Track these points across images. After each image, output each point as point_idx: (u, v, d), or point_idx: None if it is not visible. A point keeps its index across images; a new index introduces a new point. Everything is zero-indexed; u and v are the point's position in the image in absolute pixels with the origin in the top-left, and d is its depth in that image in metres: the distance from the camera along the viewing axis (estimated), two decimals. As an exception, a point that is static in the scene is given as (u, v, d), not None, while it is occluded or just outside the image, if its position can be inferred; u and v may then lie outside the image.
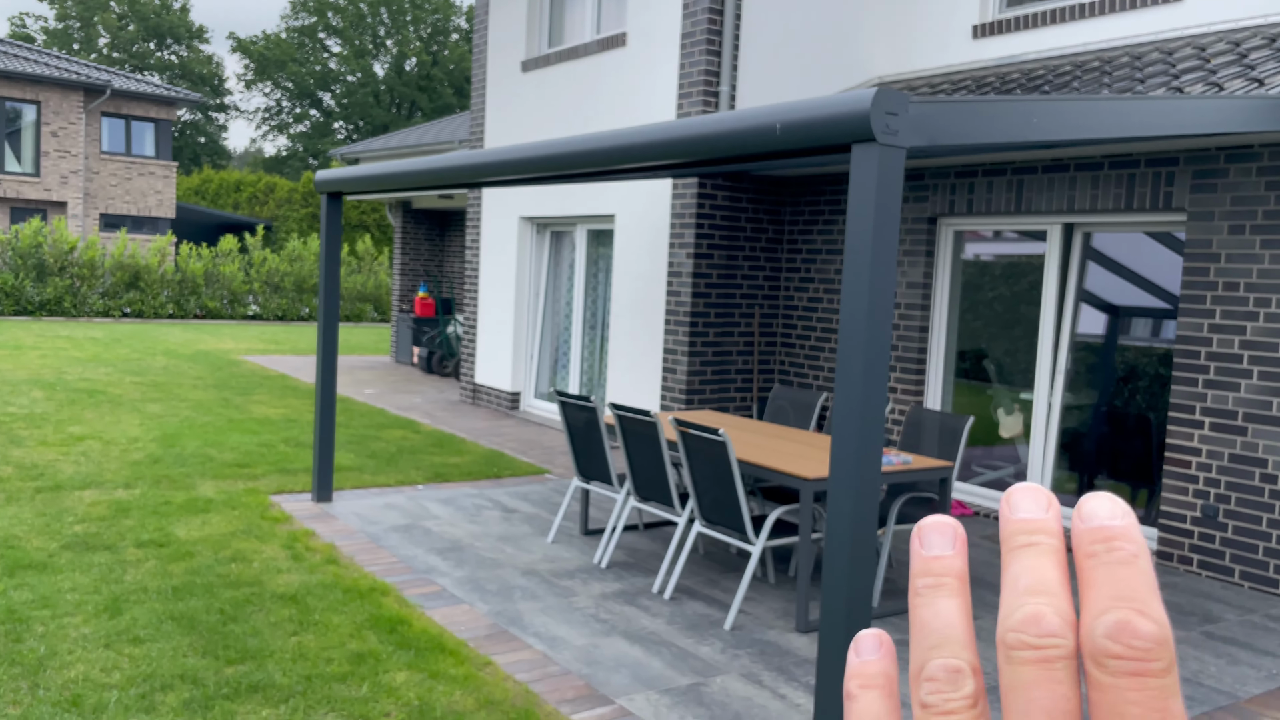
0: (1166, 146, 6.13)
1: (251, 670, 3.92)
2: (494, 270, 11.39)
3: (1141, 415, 6.59)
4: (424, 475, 7.73)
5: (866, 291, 2.91)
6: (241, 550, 5.49)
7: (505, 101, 11.05)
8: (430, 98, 53.82)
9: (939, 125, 2.98)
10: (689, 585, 5.37)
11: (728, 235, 8.66)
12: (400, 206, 16.66)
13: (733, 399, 8.85)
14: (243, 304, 23.87)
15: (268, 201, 38.13)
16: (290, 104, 54.82)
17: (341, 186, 6.48)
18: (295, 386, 12.40)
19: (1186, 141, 5.92)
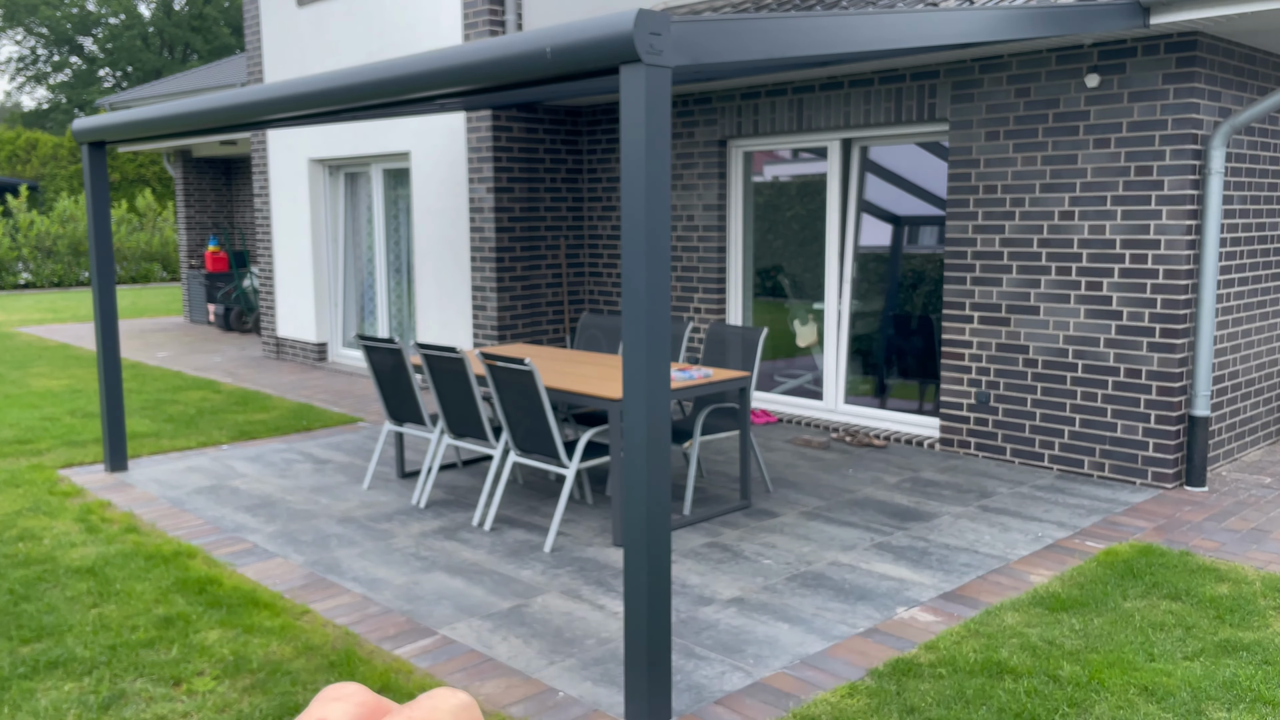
0: (928, 60, 6.52)
1: (50, 647, 3.75)
2: (287, 217, 10.92)
3: (923, 316, 7.09)
4: (228, 435, 7.44)
5: (644, 210, 3.01)
6: (29, 528, 5.17)
7: (282, 40, 10.50)
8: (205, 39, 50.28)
9: (702, 44, 3.08)
10: (509, 515, 5.46)
11: (527, 168, 8.62)
12: (179, 156, 15.63)
13: (545, 331, 8.91)
14: (12, 272, 21.93)
15: (30, 160, 34.89)
16: (47, 51, 50.00)
17: (104, 134, 6.04)
18: (79, 356, 11.59)
19: (945, 55, 6.31)
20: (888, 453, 6.73)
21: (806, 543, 4.94)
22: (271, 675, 3.53)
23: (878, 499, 5.68)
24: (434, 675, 3.53)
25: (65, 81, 50.37)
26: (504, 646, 3.78)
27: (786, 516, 5.37)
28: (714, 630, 3.91)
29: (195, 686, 3.45)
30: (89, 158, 6.18)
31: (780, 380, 8.02)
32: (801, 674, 3.53)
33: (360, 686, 0.41)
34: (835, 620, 4.00)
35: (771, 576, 4.49)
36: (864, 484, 5.99)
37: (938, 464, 6.43)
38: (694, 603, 4.20)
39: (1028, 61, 6.14)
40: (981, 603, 4.18)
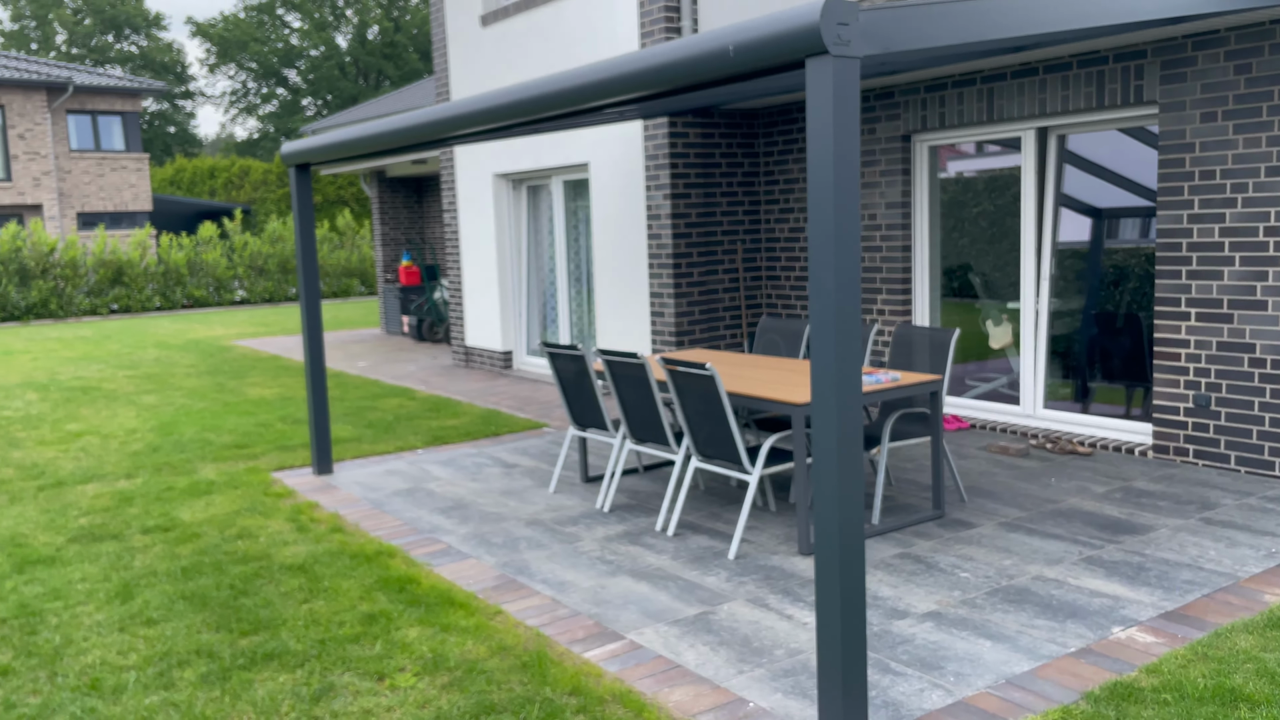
0: (1133, 39, 6.07)
1: (266, 640, 3.98)
2: (474, 231, 11.33)
3: (1130, 314, 6.61)
4: (423, 440, 7.77)
5: (832, 207, 2.91)
6: (247, 527, 5.54)
7: (467, 58, 10.92)
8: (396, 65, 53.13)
9: (891, 32, 2.95)
10: (691, 521, 5.43)
11: (703, 173, 8.61)
12: (375, 176, 16.53)
13: (723, 336, 8.87)
14: (229, 290, 23.78)
15: (243, 185, 37.83)
16: (256, 84, 54.12)
17: (308, 157, 6.42)
18: (288, 366, 12.41)
19: (1152, 32, 5.86)
20: (1094, 460, 6.30)
21: (1007, 555, 4.67)
22: (468, 674, 3.61)
23: (1085, 510, 5.31)
24: (623, 680, 3.53)
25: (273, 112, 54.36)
26: (691, 654, 3.74)
27: (984, 527, 5.10)
28: (910, 645, 3.74)
29: (397, 682, 3.58)
30: (295, 179, 6.58)
31: (972, 384, 7.66)
32: (1008, 695, 3.32)
33: None
34: (1043, 638, 3.75)
35: (970, 590, 4.27)
36: (1068, 494, 5.62)
37: (1151, 473, 5.97)
38: (887, 616, 4.04)
39: (1248, 35, 5.62)
40: (1209, 623, 3.82)
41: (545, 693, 3.45)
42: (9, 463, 7.33)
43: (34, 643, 4.02)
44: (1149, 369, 6.48)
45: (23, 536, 5.49)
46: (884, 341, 7.91)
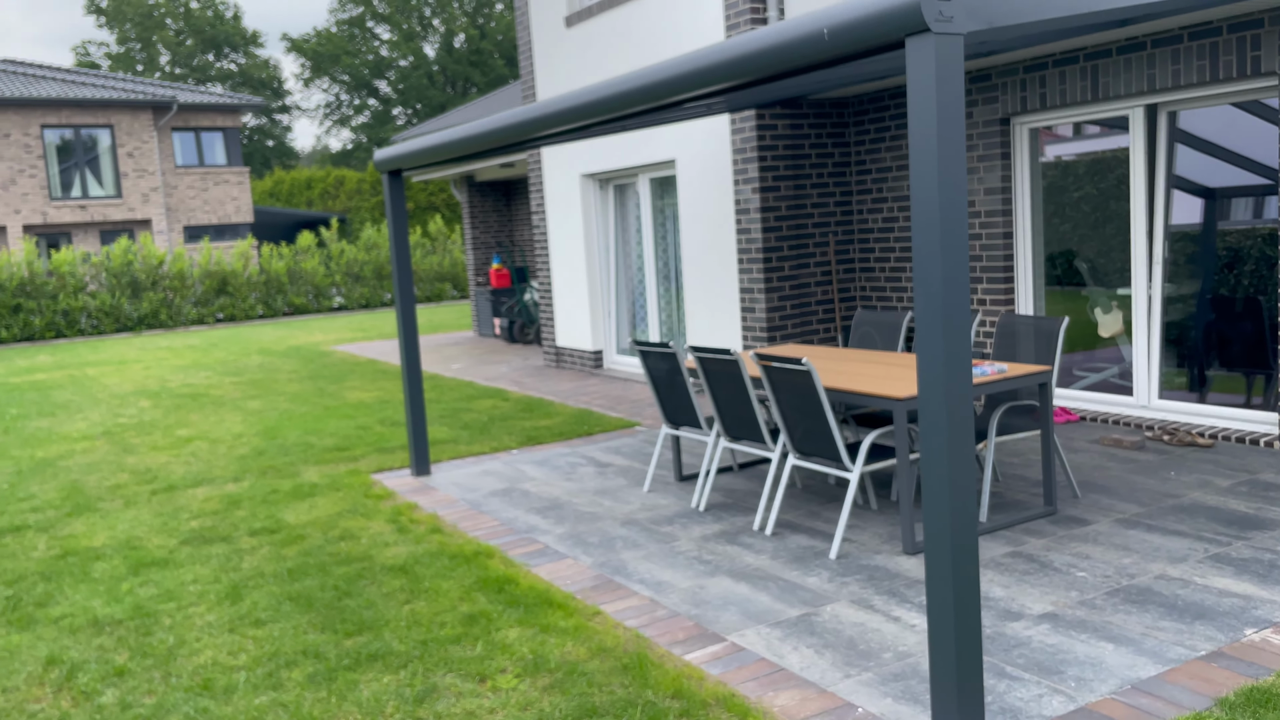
0: (1249, 9, 5.74)
1: (370, 640, 4.02)
2: (562, 232, 11.38)
3: (1250, 299, 6.26)
4: (517, 440, 7.81)
5: (937, 194, 2.78)
6: (349, 529, 5.63)
7: (552, 60, 10.96)
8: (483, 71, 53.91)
9: (996, 6, 2.81)
10: (790, 519, 5.32)
11: (792, 165, 8.46)
12: (465, 181, 16.76)
13: (815, 330, 8.71)
14: (327, 297, 24.43)
15: (339, 195, 38.86)
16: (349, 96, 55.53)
17: (401, 163, 6.50)
18: (385, 370, 12.66)
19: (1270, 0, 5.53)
20: (1215, 453, 5.98)
21: (1126, 553, 4.45)
22: (569, 676, 3.59)
23: (1208, 505, 5.04)
24: (726, 683, 3.46)
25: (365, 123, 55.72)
26: (795, 656, 3.65)
27: (1100, 524, 4.87)
28: (1026, 648, 3.58)
29: (499, 684, 3.57)
30: (389, 185, 6.67)
31: (1081, 375, 7.36)
32: (1134, 701, 3.14)
33: None
34: (1169, 641, 3.55)
35: (1088, 590, 4.07)
36: (1189, 488, 5.34)
37: (1278, 465, 5.63)
38: (1000, 617, 3.87)
39: (1381, -6, 5.25)
40: (1354, 627, 3.57)
41: (647, 695, 3.40)
42: (125, 468, 7.62)
43: (149, 643, 4.14)
44: (1272, 355, 6.12)
45: (138, 540, 5.68)
46: (986, 332, 7.66)
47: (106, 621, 4.41)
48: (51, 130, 26.29)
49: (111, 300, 20.97)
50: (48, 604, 4.69)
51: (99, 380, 13.19)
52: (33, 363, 16.08)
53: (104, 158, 26.93)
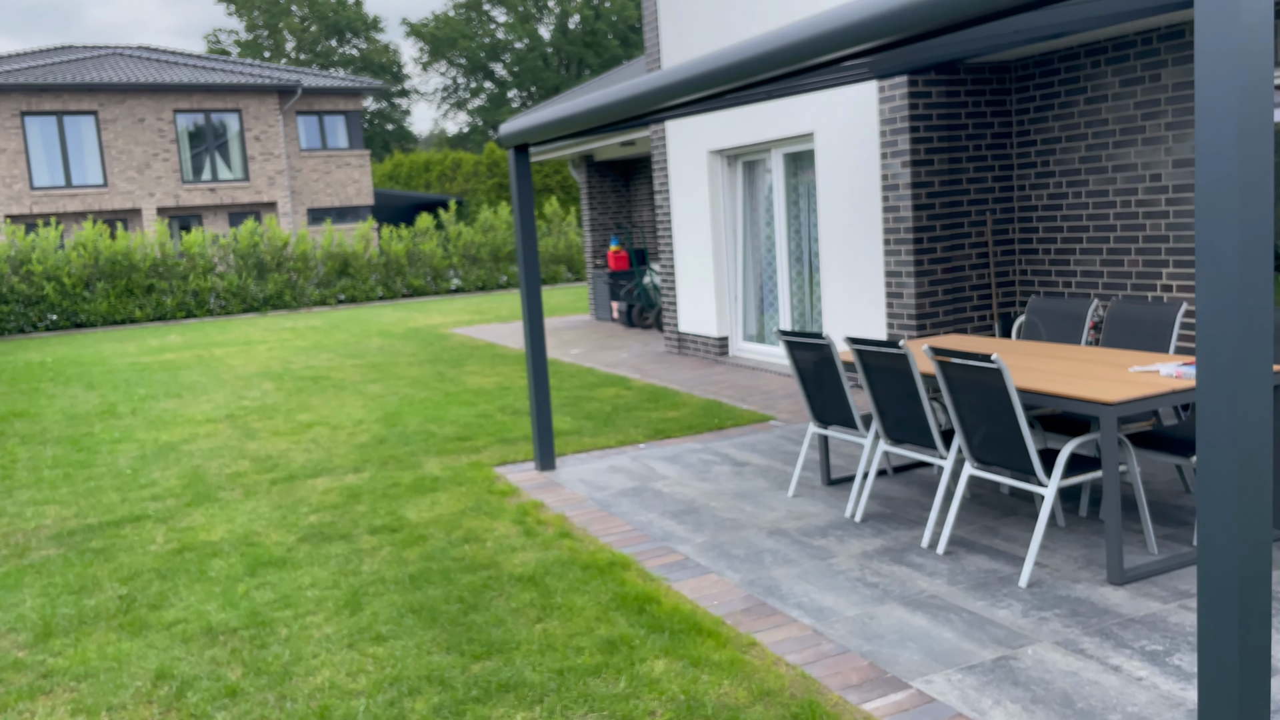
0: None
1: (499, 666, 3.59)
2: (686, 212, 10.84)
3: None
4: (643, 433, 7.34)
5: (1236, 148, 2.14)
6: (473, 529, 5.24)
7: (680, 25, 10.41)
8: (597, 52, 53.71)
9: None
10: (962, 536, 4.69)
11: (947, 136, 7.72)
12: (583, 161, 16.38)
13: (969, 319, 7.97)
14: (444, 279, 24.50)
15: (455, 177, 39.18)
16: (465, 80, 56.12)
17: (526, 137, 6.07)
18: (504, 354, 12.38)
19: None
20: None
21: (1392, 594, 3.69)
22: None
23: None
24: (920, 746, 2.90)
25: (481, 105, 56.22)
26: (999, 712, 3.06)
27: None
28: (1296, 719, 2.91)
29: (648, 731, 3.09)
30: (515, 161, 6.25)
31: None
32: None
33: None
34: None
35: (1357, 642, 3.35)
36: None
37: None
38: (1250, 673, 3.19)
39: None
40: None
41: (827, 758, 2.86)
42: (246, 454, 7.44)
43: (263, 658, 3.80)
44: None
45: (256, 535, 5.41)
46: (1187, 325, 6.80)
47: (221, 630, 4.11)
48: (184, 115, 27.05)
49: (239, 281, 21.41)
50: (162, 606, 4.42)
51: (225, 361, 13.30)
52: (163, 342, 16.43)
53: (233, 142, 27.61)
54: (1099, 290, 7.36)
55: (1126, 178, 7.06)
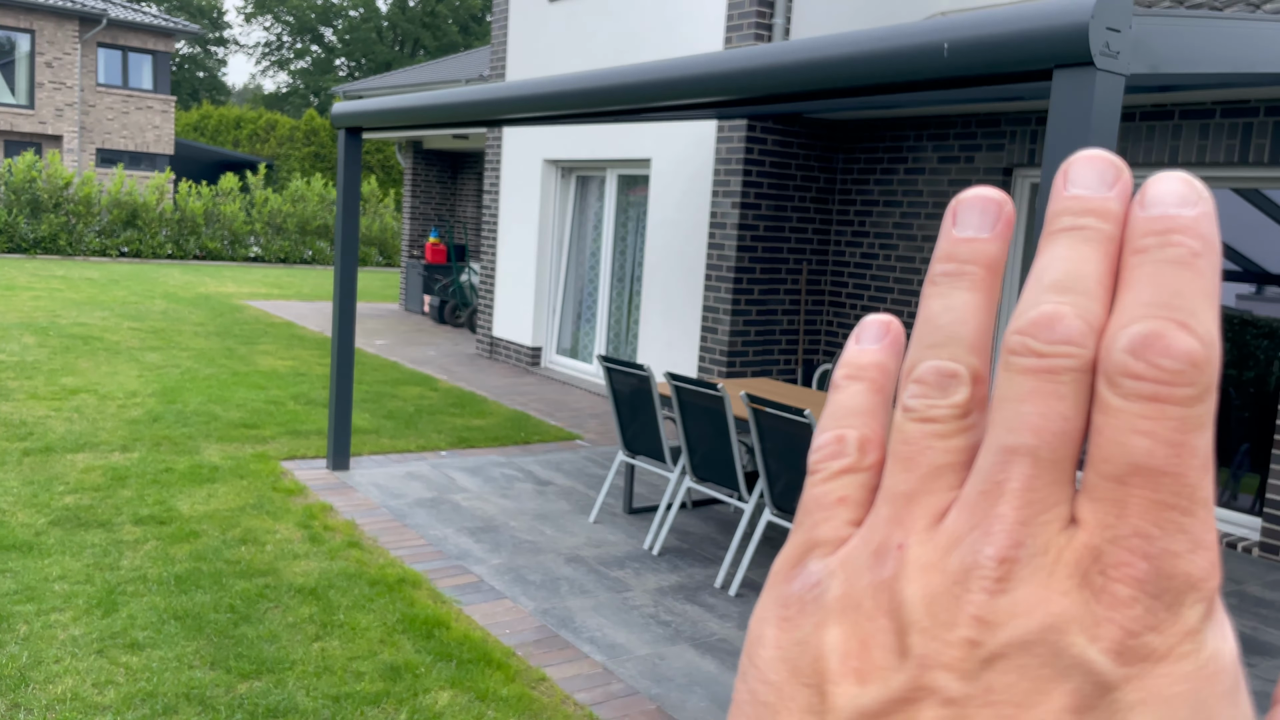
0: (1295, 92, 5.44)
1: (269, 688, 3.34)
2: (514, 216, 10.69)
3: (1251, 392, 5.98)
4: (446, 440, 7.13)
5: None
6: (252, 529, 4.90)
7: (530, 35, 10.27)
8: (435, 35, 52.47)
9: (1165, 48, 2.32)
10: (754, 579, 4.80)
11: (777, 184, 7.96)
12: (411, 147, 15.88)
13: (776, 362, 8.23)
14: (244, 245, 23.14)
15: (269, 139, 37.19)
16: (291, 39, 53.47)
17: (362, 121, 5.78)
18: (302, 336, 11.77)
19: (1321, 87, 5.22)
20: (1194, 553, 5.66)
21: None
22: (513, 768, 2.99)
23: (1201, 617, 4.68)
24: (702, 800, 2.90)
25: (305, 68, 53.70)
26: (779, 767, 3.11)
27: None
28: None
29: (427, 770, 2.95)
30: (345, 142, 5.95)
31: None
32: None
33: None
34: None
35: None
36: (1177, 593, 4.98)
37: (1261, 576, 5.33)
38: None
39: None
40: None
41: (610, 809, 2.82)
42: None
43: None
44: (1266, 458, 5.84)
45: (0, 512, 4.85)
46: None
47: (-56, 623, 3.63)
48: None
49: (7, 217, 19.41)
50: (-127, 589, 3.88)
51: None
52: (-92, 274, 14.65)
53: (20, 63, 25.07)
54: (897, 350, 7.77)
55: (933, 248, 7.49)
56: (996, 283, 0.25)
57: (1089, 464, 0.22)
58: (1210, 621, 0.21)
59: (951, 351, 0.24)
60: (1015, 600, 0.22)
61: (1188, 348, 0.21)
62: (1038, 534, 0.22)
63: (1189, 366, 0.21)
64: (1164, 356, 0.21)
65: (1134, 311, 0.22)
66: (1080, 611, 0.21)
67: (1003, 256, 0.25)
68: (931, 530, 0.23)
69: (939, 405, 0.24)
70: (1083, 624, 0.21)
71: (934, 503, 0.24)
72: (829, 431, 0.27)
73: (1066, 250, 0.23)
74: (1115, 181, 0.24)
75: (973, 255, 0.25)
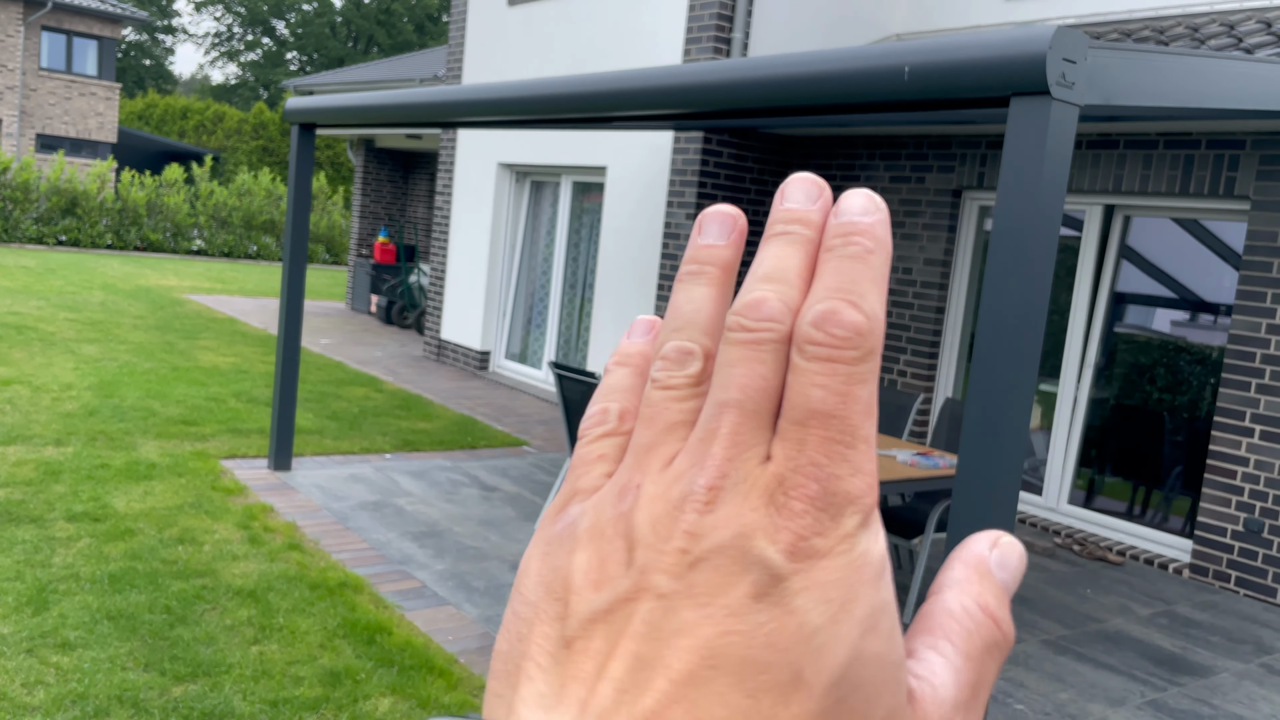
0: (1233, 127, 5.61)
1: (205, 691, 3.27)
2: (467, 218, 10.62)
3: (1186, 419, 6.15)
4: (391, 442, 7.05)
5: (1019, 289, 2.32)
6: (190, 529, 4.80)
7: (488, 37, 10.22)
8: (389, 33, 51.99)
9: (1119, 80, 2.38)
10: (699, 589, 4.81)
11: (731, 197, 8.02)
12: (363, 144, 15.71)
13: (725, 373, 8.27)
14: (187, 238, 22.68)
15: (216, 131, 36.54)
16: (242, 30, 52.62)
17: (316, 117, 5.71)
18: (245, 332, 11.56)
19: (1258, 123, 5.40)
20: (1126, 573, 5.81)
21: (1062, 687, 4.12)
22: (454, 777, 2.95)
23: (1132, 636, 4.79)
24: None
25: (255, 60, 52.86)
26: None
27: (1028, 644, 4.55)
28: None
29: (367, 778, 2.91)
30: (298, 139, 5.86)
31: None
32: None
33: None
34: (1132, 812, 3.19)
35: (1033, 730, 3.71)
36: (1109, 611, 5.10)
37: (1192, 597, 5.48)
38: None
39: (1366, 140, 5.18)
40: (1315, 815, 3.30)
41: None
42: (-79, 406, 6.48)
43: (-83, 660, 3.27)
44: (1197, 481, 6.01)
45: (-76, 506, 4.69)
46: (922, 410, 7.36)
47: None
48: (-101, 0, 23.58)
49: (-62, 200, 18.81)
50: None
51: (-92, 290, 11.60)
52: None
53: (-44, 42, 24.34)
54: (845, 365, 7.86)
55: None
56: (730, 280, 0.30)
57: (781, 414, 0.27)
58: (865, 529, 0.27)
59: (689, 334, 0.30)
60: (718, 518, 0.27)
61: (854, 320, 0.27)
62: (740, 468, 0.27)
63: (855, 334, 0.27)
64: (837, 327, 0.27)
65: (819, 294, 0.27)
66: (765, 523, 0.26)
67: (735, 259, 0.30)
68: (663, 471, 0.28)
69: (677, 375, 0.29)
70: (765, 531, 0.26)
71: (667, 451, 0.29)
72: (597, 405, 0.32)
73: (777, 250, 0.29)
74: (818, 198, 0.30)
75: (711, 258, 0.30)
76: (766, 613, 0.26)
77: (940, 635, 0.29)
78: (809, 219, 0.29)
